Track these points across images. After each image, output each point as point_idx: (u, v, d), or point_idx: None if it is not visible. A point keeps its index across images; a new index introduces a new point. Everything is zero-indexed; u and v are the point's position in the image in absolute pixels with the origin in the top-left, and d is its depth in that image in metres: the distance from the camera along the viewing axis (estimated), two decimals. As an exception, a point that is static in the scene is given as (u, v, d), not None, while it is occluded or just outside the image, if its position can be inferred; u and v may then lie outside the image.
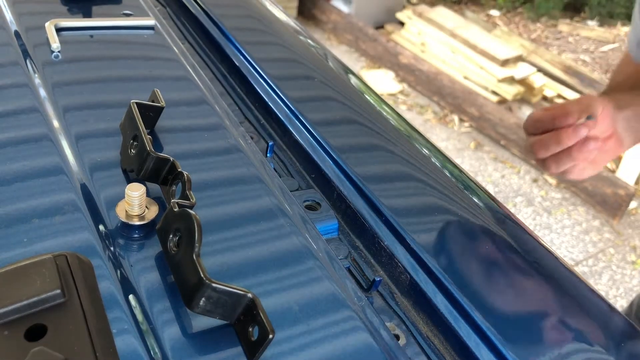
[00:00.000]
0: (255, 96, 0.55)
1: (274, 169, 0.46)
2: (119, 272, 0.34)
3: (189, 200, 0.35)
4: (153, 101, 0.45)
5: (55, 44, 0.53)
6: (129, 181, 0.40)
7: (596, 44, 3.46)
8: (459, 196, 0.46)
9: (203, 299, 0.30)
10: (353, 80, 0.60)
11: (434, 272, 0.37)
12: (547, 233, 2.19)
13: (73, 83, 0.50)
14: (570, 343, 0.35)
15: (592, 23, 3.65)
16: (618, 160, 2.39)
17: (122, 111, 0.44)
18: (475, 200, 0.46)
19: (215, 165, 0.43)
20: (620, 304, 1.92)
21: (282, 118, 0.51)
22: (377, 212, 0.41)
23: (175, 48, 0.57)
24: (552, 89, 2.86)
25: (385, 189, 0.43)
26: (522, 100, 2.81)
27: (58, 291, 0.29)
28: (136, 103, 0.42)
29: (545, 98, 2.85)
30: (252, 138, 0.48)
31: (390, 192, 0.43)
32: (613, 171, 2.38)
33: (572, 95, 2.82)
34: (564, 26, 3.60)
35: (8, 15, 0.56)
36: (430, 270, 0.37)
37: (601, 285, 1.99)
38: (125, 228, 0.36)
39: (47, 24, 0.55)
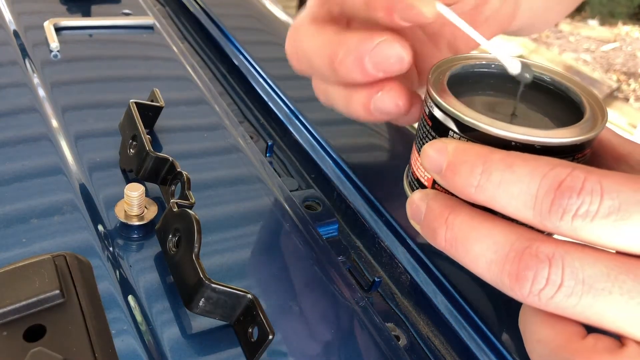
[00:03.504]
0: (255, 96, 0.54)
1: (274, 169, 0.46)
2: (118, 272, 0.34)
3: (189, 200, 0.35)
4: (152, 101, 0.45)
5: (55, 44, 0.53)
6: (128, 181, 0.40)
7: (597, 43, 3.45)
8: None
9: (202, 299, 0.30)
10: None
11: (435, 273, 0.37)
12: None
13: (72, 82, 0.50)
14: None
15: (592, 22, 3.65)
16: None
17: (121, 111, 0.43)
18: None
19: (214, 165, 0.43)
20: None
21: (282, 118, 0.51)
22: (377, 212, 0.41)
23: (174, 47, 0.57)
24: (552, 89, 2.86)
25: (386, 189, 0.43)
26: (522, 99, 2.81)
27: (57, 291, 0.29)
28: (135, 103, 0.42)
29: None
30: (251, 138, 0.48)
31: (390, 193, 0.43)
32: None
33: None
34: (565, 25, 3.60)
35: (7, 15, 0.56)
36: (431, 270, 0.37)
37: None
38: (125, 228, 0.36)
39: (46, 23, 0.55)
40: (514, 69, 0.30)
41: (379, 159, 0.47)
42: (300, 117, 0.49)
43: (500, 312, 0.35)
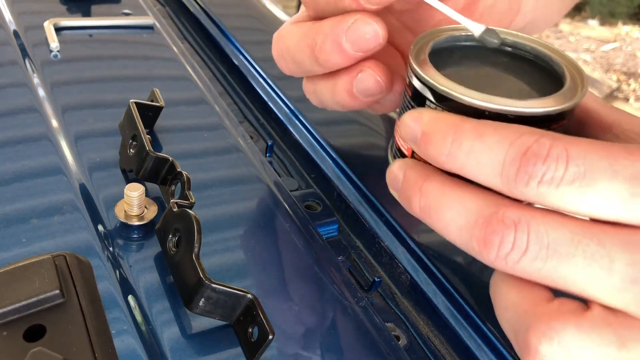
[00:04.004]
0: (255, 96, 0.54)
1: (274, 169, 0.46)
2: (118, 272, 0.34)
3: (189, 200, 0.35)
4: (152, 101, 0.45)
5: (55, 44, 0.53)
6: (128, 181, 0.40)
7: (597, 43, 3.45)
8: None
9: (202, 299, 0.30)
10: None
11: (435, 273, 0.37)
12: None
13: (72, 82, 0.50)
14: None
15: (592, 22, 3.65)
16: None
17: (121, 111, 0.43)
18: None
19: (214, 165, 0.43)
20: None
21: (282, 118, 0.51)
22: (377, 212, 0.41)
23: (174, 47, 0.57)
24: (552, 89, 2.86)
25: (386, 189, 0.43)
26: (522, 99, 2.81)
27: (57, 291, 0.29)
28: (135, 103, 0.42)
29: (545, 97, 2.85)
30: (251, 138, 0.48)
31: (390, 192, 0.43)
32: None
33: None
34: (565, 25, 3.60)
35: (7, 15, 0.56)
36: (431, 270, 0.37)
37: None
38: (125, 228, 0.36)
39: (46, 24, 0.55)
40: (476, 31, 0.30)
41: (379, 158, 0.47)
42: (300, 117, 0.49)
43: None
